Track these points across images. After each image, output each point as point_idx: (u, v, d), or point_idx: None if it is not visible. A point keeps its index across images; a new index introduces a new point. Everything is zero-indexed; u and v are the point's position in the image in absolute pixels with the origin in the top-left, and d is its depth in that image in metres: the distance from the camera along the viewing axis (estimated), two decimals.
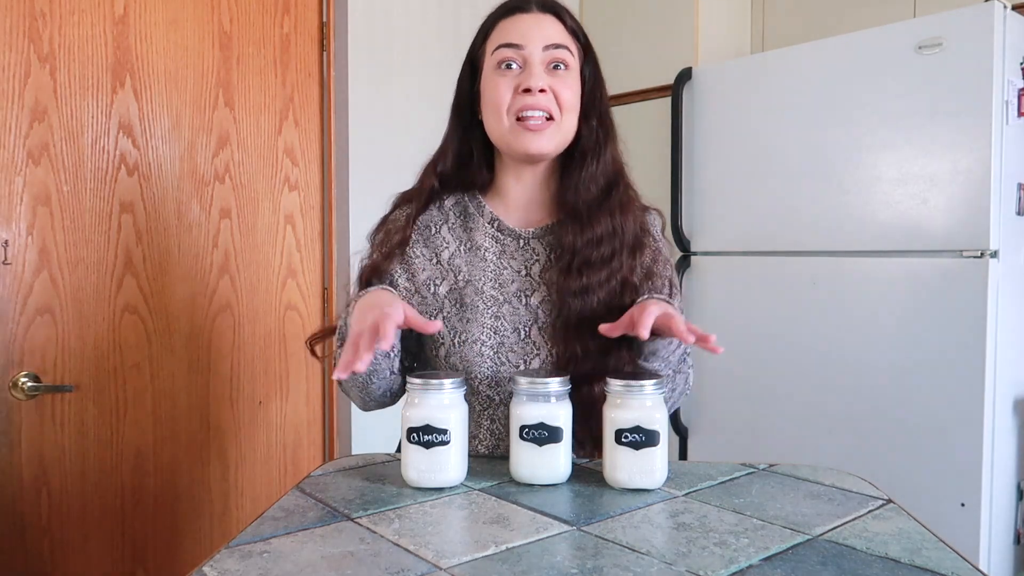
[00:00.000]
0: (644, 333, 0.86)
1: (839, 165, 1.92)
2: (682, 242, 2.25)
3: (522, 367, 1.05)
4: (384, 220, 1.16)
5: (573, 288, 1.02)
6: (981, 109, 1.69)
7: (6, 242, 1.48)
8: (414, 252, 1.11)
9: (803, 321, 2.00)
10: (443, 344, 1.06)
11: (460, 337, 1.05)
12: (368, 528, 0.78)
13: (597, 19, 2.60)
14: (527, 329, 1.06)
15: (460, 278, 1.08)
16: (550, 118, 1.03)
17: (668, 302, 0.96)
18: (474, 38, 1.11)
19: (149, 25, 1.65)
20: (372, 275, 1.08)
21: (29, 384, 1.50)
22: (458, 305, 1.07)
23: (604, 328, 0.93)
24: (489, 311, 1.06)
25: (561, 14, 1.08)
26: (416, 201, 1.12)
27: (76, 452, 1.57)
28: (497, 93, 1.03)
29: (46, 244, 1.52)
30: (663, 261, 1.12)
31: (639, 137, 2.45)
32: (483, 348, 1.04)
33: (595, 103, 1.09)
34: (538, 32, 1.03)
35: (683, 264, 2.26)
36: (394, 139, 2.07)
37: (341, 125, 2.00)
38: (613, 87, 2.77)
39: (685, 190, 2.25)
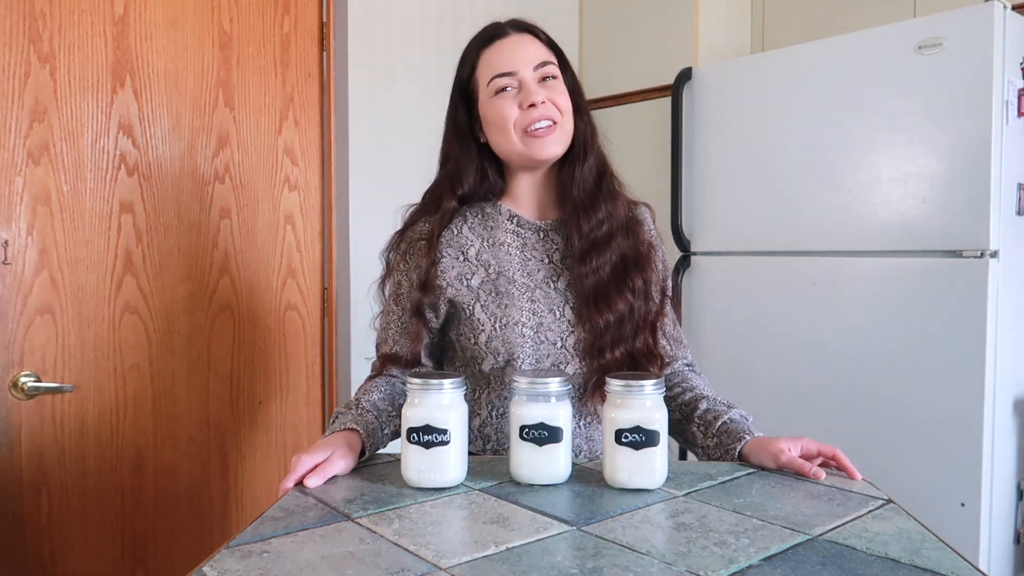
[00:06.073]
0: (821, 475, 0.99)
1: (839, 165, 1.92)
2: (682, 242, 2.25)
3: (559, 344, 1.14)
4: (402, 236, 1.22)
5: (586, 270, 1.14)
6: (981, 109, 1.69)
7: (6, 242, 1.48)
8: (440, 253, 1.18)
9: (803, 321, 2.00)
10: (483, 330, 1.14)
11: (501, 321, 1.13)
12: (368, 528, 0.78)
13: (597, 19, 2.60)
14: (560, 310, 1.15)
15: (491, 271, 1.17)
16: (553, 124, 1.13)
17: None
18: (459, 70, 1.20)
19: (149, 25, 1.64)
20: (418, 304, 1.16)
21: (29, 384, 1.50)
22: (493, 293, 1.15)
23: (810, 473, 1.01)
24: (524, 296, 1.15)
25: (536, 32, 1.18)
26: (439, 224, 1.18)
27: (76, 452, 1.57)
28: (502, 114, 1.13)
29: (46, 244, 1.52)
30: (656, 248, 1.24)
31: (639, 137, 2.44)
32: (524, 329, 1.13)
33: (580, 102, 1.19)
34: (523, 55, 1.14)
35: (683, 264, 2.26)
36: (394, 139, 2.06)
37: (341, 125, 2.00)
38: (613, 87, 2.78)
39: (685, 190, 2.25)
